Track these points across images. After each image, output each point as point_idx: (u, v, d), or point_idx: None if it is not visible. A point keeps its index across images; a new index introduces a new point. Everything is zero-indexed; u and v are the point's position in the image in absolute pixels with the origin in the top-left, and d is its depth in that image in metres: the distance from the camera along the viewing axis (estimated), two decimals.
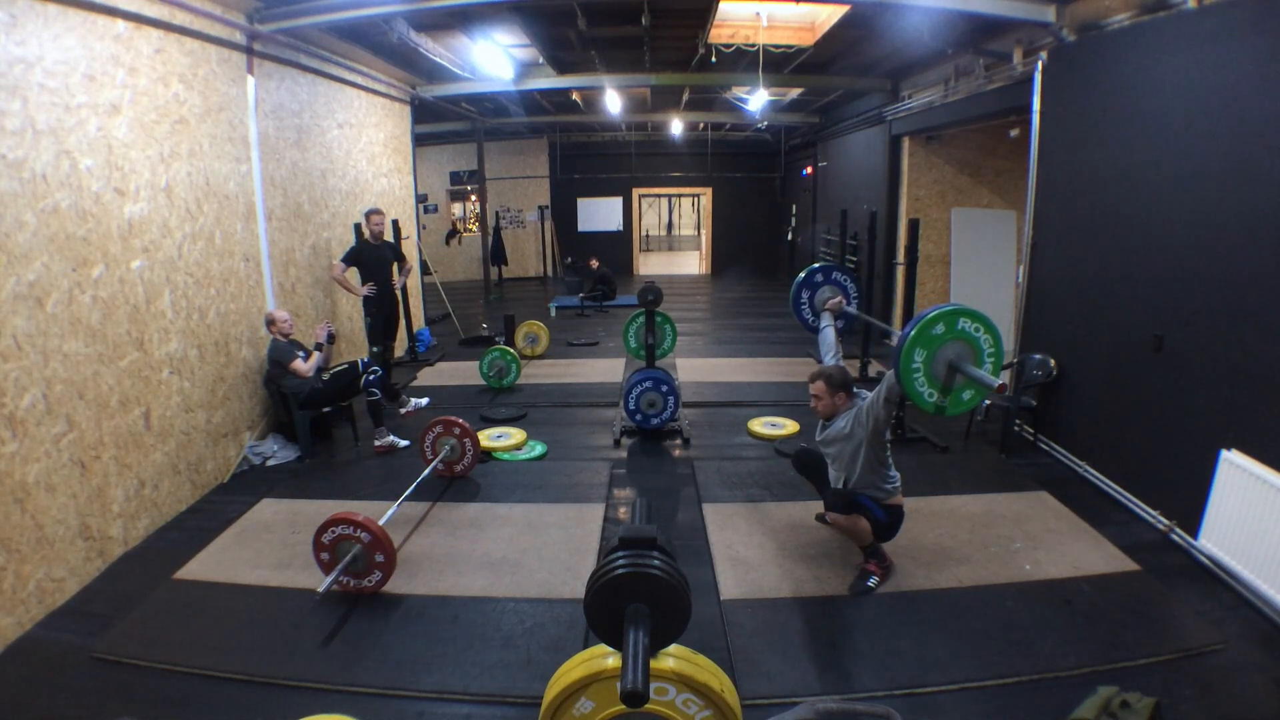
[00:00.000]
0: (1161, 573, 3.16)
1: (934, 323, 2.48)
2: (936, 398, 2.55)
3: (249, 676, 2.58)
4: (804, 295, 4.20)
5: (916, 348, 2.48)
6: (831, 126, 10.29)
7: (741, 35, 6.45)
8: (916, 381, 2.53)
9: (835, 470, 3.22)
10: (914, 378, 2.52)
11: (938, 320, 2.48)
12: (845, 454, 3.11)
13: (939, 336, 2.47)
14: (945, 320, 2.47)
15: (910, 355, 2.50)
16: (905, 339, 2.54)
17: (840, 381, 3.14)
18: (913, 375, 2.52)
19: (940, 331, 2.47)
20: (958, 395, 2.53)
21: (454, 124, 10.86)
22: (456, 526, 3.74)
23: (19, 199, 2.93)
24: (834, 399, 3.14)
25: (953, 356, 2.49)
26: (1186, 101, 3.44)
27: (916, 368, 2.50)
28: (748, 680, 2.50)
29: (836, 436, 3.15)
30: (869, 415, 2.95)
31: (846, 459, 3.11)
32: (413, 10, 4.86)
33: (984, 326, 2.50)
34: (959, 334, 2.49)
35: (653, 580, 1.78)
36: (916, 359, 2.49)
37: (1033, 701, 2.41)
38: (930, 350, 2.48)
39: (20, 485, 2.90)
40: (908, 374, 2.55)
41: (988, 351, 2.51)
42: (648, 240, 21.31)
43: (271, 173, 5.05)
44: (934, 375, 2.52)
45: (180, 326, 3.99)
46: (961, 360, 2.49)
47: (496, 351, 6.31)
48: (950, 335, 2.48)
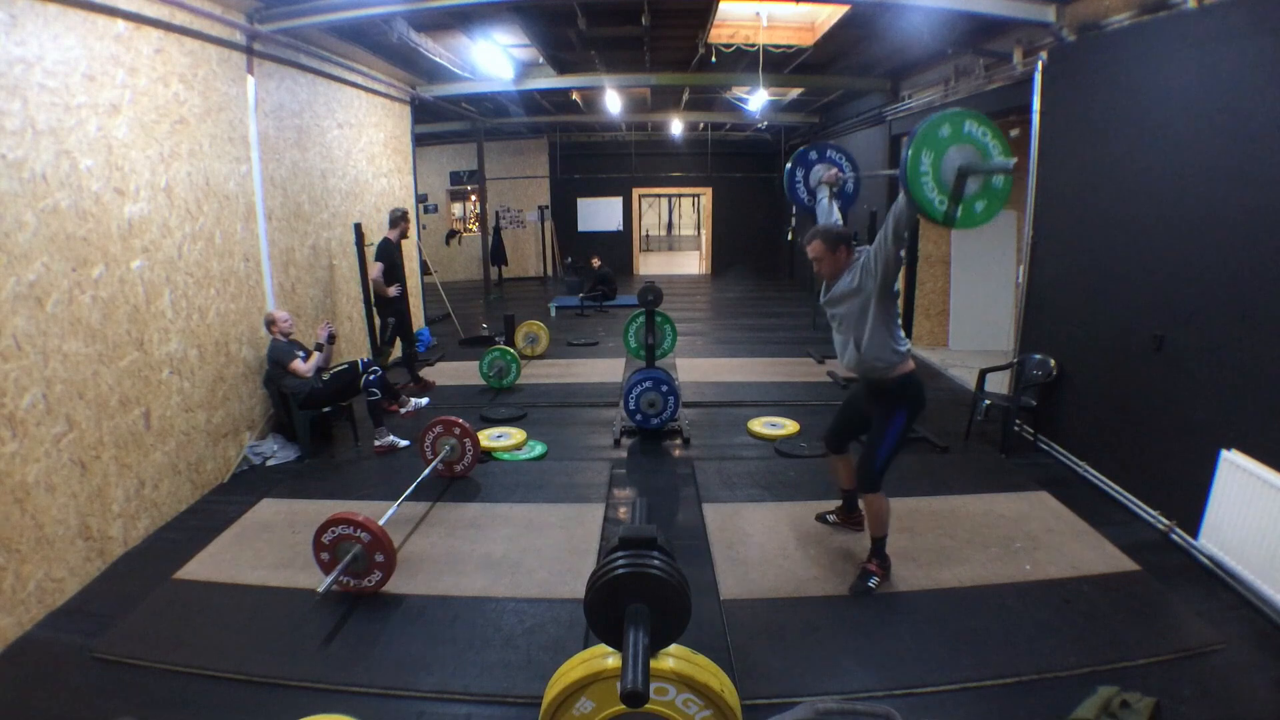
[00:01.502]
0: (1161, 573, 3.16)
1: (940, 124, 2.37)
2: (947, 205, 2.42)
3: (249, 676, 2.58)
4: (798, 174, 3.83)
5: (924, 149, 2.35)
6: (832, 126, 10.30)
7: (741, 35, 6.45)
8: (925, 186, 2.38)
9: (843, 335, 3.04)
10: (922, 182, 2.38)
11: (943, 122, 2.37)
12: (854, 312, 2.94)
13: (946, 139, 2.36)
14: (951, 122, 2.36)
15: (918, 158, 2.35)
16: (912, 139, 2.39)
17: (837, 235, 2.99)
18: (921, 180, 2.38)
19: (946, 134, 2.35)
20: (970, 205, 2.40)
21: (454, 124, 10.86)
22: (456, 526, 3.74)
23: (19, 199, 2.93)
24: (835, 256, 2.97)
25: (961, 161, 2.38)
26: (1186, 101, 3.44)
27: (925, 171, 2.36)
28: (748, 680, 2.50)
29: (844, 293, 2.96)
30: (877, 261, 2.78)
31: (855, 317, 2.93)
32: (413, 10, 4.86)
33: (990, 131, 2.40)
34: (965, 138, 2.39)
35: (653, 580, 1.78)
36: (924, 162, 2.36)
37: (1033, 701, 2.41)
38: (938, 152, 2.36)
39: (20, 485, 2.90)
40: (915, 179, 2.39)
41: (996, 155, 2.42)
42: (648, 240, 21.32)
43: (271, 173, 5.05)
44: (943, 181, 2.41)
45: (180, 326, 3.99)
46: (971, 163, 2.38)
47: (496, 351, 6.31)
48: (956, 139, 2.37)
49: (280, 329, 4.64)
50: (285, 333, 4.67)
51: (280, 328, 4.64)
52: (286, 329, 4.68)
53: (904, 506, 3.84)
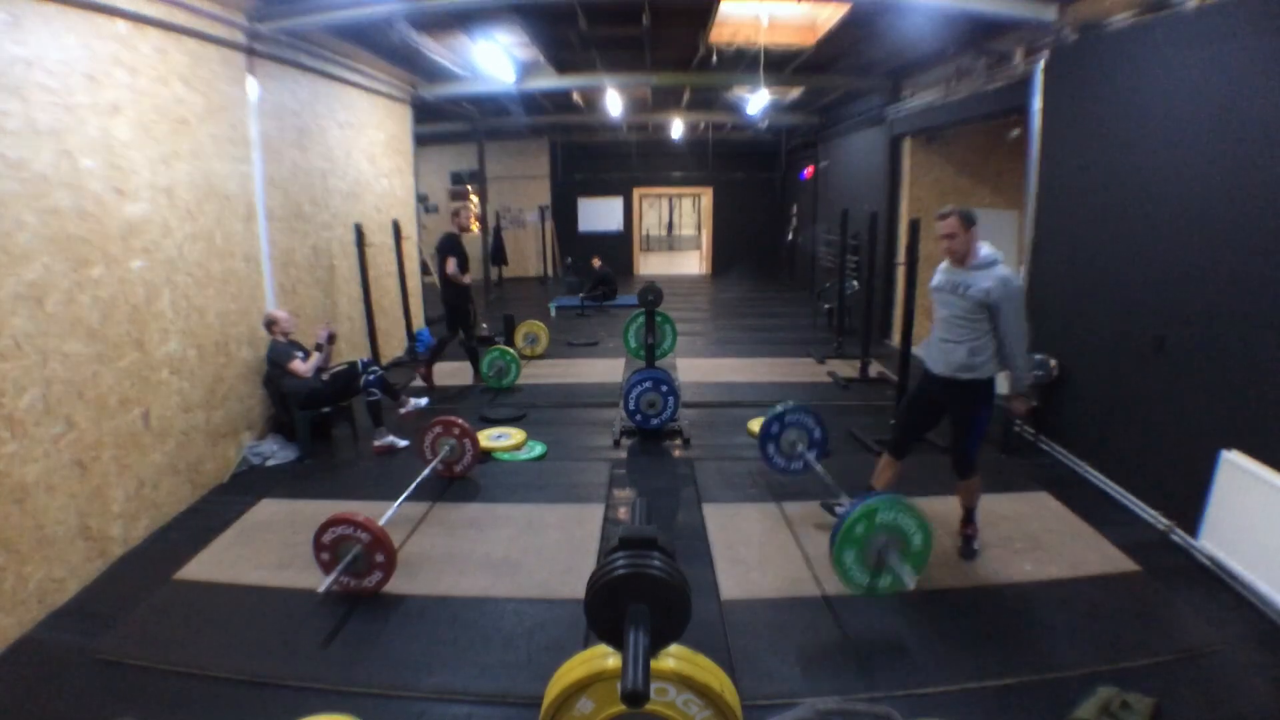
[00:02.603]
0: (1161, 573, 3.16)
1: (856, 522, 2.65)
2: (869, 581, 2.74)
3: (249, 676, 2.58)
4: (770, 449, 4.07)
5: (845, 548, 2.68)
6: (832, 126, 10.29)
7: (742, 36, 6.45)
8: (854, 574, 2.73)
9: (952, 337, 3.09)
10: (851, 575, 2.73)
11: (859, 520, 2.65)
12: (974, 320, 3.02)
13: (861, 534, 2.66)
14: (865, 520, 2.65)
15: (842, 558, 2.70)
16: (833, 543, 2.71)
17: (971, 215, 3.03)
18: (850, 575, 2.73)
19: (861, 531, 2.65)
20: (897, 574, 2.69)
21: (454, 124, 10.85)
22: (456, 527, 3.74)
23: (19, 199, 2.93)
24: (967, 234, 3.02)
25: (882, 545, 2.67)
26: (1187, 101, 3.44)
27: (849, 567, 2.72)
28: (748, 680, 2.50)
29: (974, 300, 3.00)
30: (1015, 318, 2.96)
31: (972, 325, 3.02)
32: (413, 10, 4.85)
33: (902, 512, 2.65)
34: (880, 527, 2.66)
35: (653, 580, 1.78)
36: (848, 559, 2.71)
37: (1033, 701, 2.41)
38: (859, 546, 2.68)
39: (20, 485, 2.90)
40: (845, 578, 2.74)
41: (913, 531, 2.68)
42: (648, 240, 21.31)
43: (272, 173, 5.05)
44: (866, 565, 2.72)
45: (180, 326, 3.99)
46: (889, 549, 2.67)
47: (496, 351, 6.31)
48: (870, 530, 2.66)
49: (281, 329, 4.65)
50: (285, 333, 4.67)
51: (281, 328, 4.64)
52: (287, 329, 4.68)
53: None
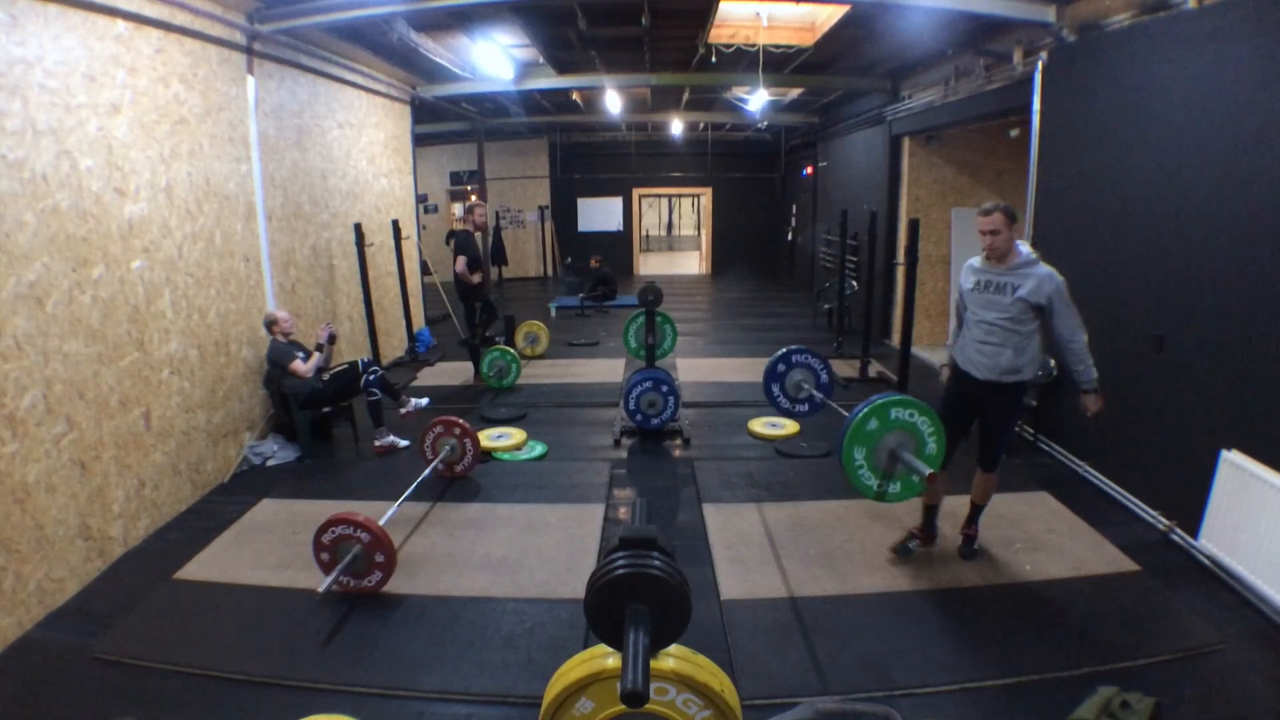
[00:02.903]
0: (1161, 573, 3.16)
1: (868, 418, 2.56)
2: (879, 485, 2.65)
3: (249, 676, 2.58)
4: (774, 389, 4.01)
5: (855, 445, 2.56)
6: (832, 126, 10.29)
7: (741, 35, 6.45)
8: (862, 476, 2.62)
9: (996, 340, 2.97)
10: (860, 474, 2.62)
11: (870, 416, 2.55)
12: (1020, 321, 2.92)
13: (875, 430, 2.56)
14: (878, 415, 2.55)
15: (850, 455, 2.58)
16: (842, 437, 2.61)
17: (1014, 214, 2.93)
18: (858, 473, 2.62)
19: (875, 427, 2.55)
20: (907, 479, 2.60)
21: (454, 124, 10.85)
22: (457, 527, 3.74)
23: (19, 199, 2.93)
24: (1011, 231, 2.92)
25: (893, 445, 2.58)
26: (1186, 101, 3.44)
27: (859, 464, 2.60)
28: (748, 680, 2.50)
29: (1022, 303, 2.90)
30: (1067, 313, 2.88)
31: (1017, 327, 2.93)
32: (413, 10, 4.85)
33: (918, 410, 2.57)
34: (894, 423, 2.57)
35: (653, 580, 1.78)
36: (858, 457, 2.58)
37: (1033, 701, 2.41)
38: (869, 446, 2.58)
39: (20, 485, 2.90)
40: (852, 473, 2.64)
41: (928, 433, 2.59)
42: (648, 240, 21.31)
43: (272, 173, 5.06)
44: (877, 466, 2.63)
45: (180, 326, 3.99)
46: (902, 448, 2.58)
47: (497, 351, 6.31)
48: (885, 428, 2.56)
49: (281, 329, 4.65)
50: (286, 333, 4.67)
51: (281, 328, 4.65)
52: (287, 329, 4.68)
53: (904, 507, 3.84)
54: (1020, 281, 2.92)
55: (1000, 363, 2.99)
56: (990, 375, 3.03)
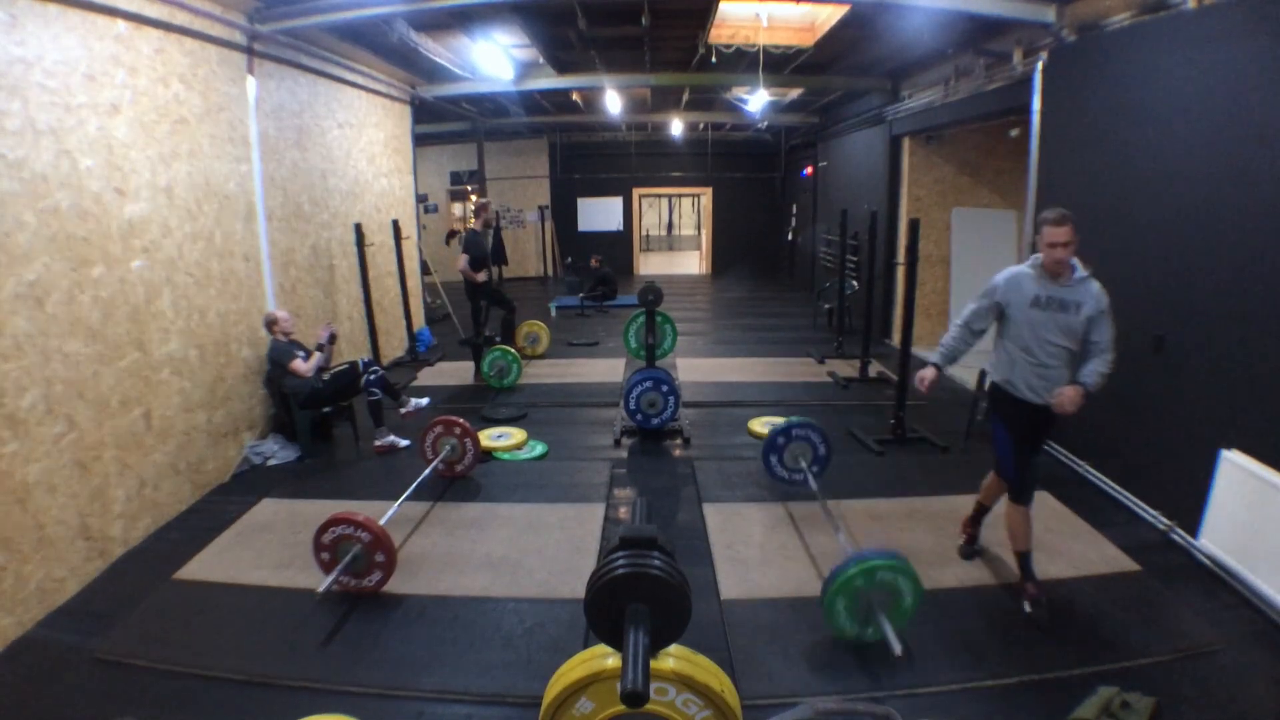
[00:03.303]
0: (1161, 573, 3.16)
1: (855, 577, 2.60)
2: (858, 630, 2.68)
3: (249, 676, 2.58)
4: (773, 459, 4.00)
5: (839, 596, 2.63)
6: (832, 126, 10.29)
7: (741, 36, 6.45)
8: (840, 618, 2.67)
9: (1057, 362, 2.79)
10: (841, 622, 2.67)
11: (858, 575, 2.60)
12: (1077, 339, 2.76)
13: (860, 587, 2.61)
14: (865, 574, 2.60)
15: (834, 606, 2.64)
16: (827, 588, 2.66)
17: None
18: (839, 619, 2.67)
19: (861, 584, 2.61)
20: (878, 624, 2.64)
21: (454, 124, 10.86)
22: (457, 526, 3.74)
23: (19, 199, 2.93)
24: (1075, 243, 2.71)
25: (874, 601, 2.63)
26: (1186, 101, 3.44)
27: (839, 612, 2.66)
28: (748, 680, 2.50)
29: (1085, 321, 2.73)
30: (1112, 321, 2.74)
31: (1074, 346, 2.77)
32: (413, 10, 4.86)
33: (903, 575, 2.61)
34: (878, 585, 2.61)
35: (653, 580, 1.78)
36: (839, 605, 2.65)
37: (1033, 701, 2.41)
38: (850, 597, 2.63)
39: (21, 485, 2.90)
40: (832, 616, 2.67)
41: (906, 593, 2.63)
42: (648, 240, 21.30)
43: (272, 173, 5.05)
44: (857, 614, 2.66)
45: (180, 326, 3.99)
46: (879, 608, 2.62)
47: (498, 351, 6.31)
48: (869, 585, 2.61)
49: (281, 329, 4.65)
50: (286, 333, 4.67)
51: (281, 328, 4.65)
52: (287, 329, 4.69)
53: (904, 506, 3.85)
54: (1083, 299, 2.75)
55: (1062, 383, 2.79)
56: (1049, 399, 2.82)
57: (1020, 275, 2.86)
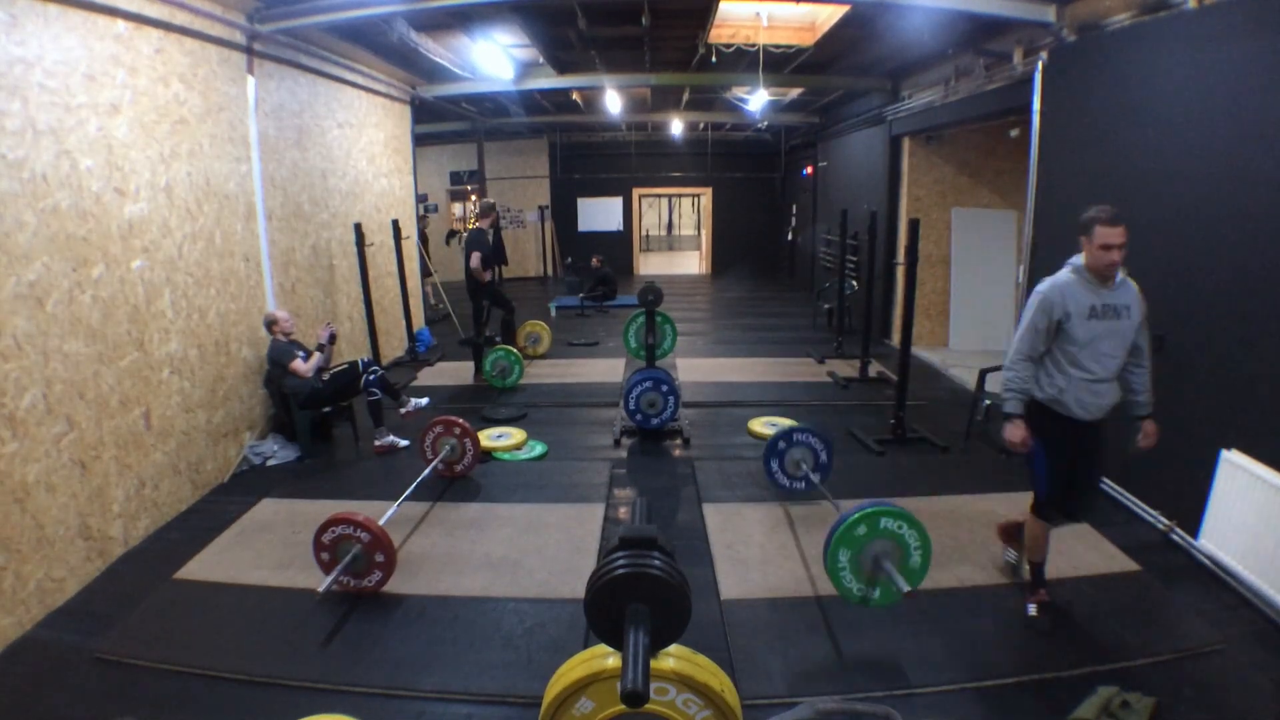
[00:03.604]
0: (1161, 573, 3.16)
1: (857, 524, 2.58)
2: (863, 591, 2.66)
3: (249, 676, 2.58)
4: (773, 464, 3.97)
5: (841, 548, 2.60)
6: (832, 126, 10.29)
7: (741, 35, 6.46)
8: (844, 578, 2.64)
9: (1106, 373, 2.60)
10: (841, 575, 2.64)
11: (860, 522, 2.58)
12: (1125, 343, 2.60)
13: (862, 536, 2.58)
14: (867, 521, 2.57)
15: (835, 557, 2.61)
16: (830, 538, 2.62)
17: None
18: (839, 573, 2.64)
19: (863, 532, 2.57)
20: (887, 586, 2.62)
21: (454, 124, 10.87)
22: (457, 526, 3.74)
23: (19, 199, 2.93)
24: None
25: (878, 552, 2.59)
26: (1186, 101, 3.44)
27: (843, 566, 2.62)
28: (748, 680, 2.50)
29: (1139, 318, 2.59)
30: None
31: (1122, 351, 2.60)
32: (413, 10, 4.86)
33: (907, 523, 2.58)
34: (882, 532, 2.58)
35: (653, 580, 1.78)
36: (842, 559, 2.61)
37: (1033, 701, 2.41)
38: (855, 550, 2.59)
39: (20, 485, 2.90)
40: (834, 572, 2.64)
41: (914, 546, 2.60)
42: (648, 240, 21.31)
43: (271, 173, 5.05)
44: (860, 570, 2.63)
45: (180, 326, 3.99)
46: (885, 558, 2.59)
47: (501, 351, 6.31)
48: (873, 535, 2.58)
49: (281, 329, 4.65)
50: (286, 333, 4.67)
51: (281, 328, 4.65)
52: (287, 329, 4.69)
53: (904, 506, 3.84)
54: (1130, 301, 2.60)
55: (1115, 396, 2.65)
56: (1102, 414, 2.65)
57: (1068, 284, 2.61)
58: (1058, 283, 2.64)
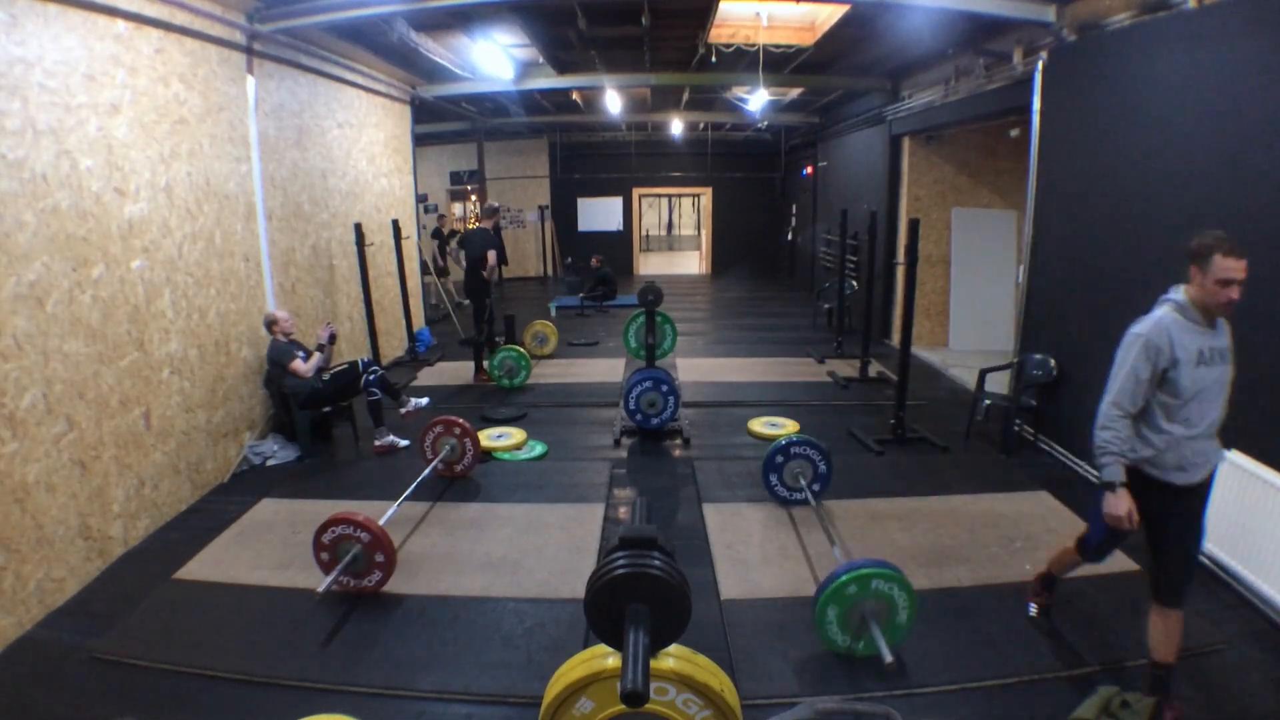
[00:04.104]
0: None
1: (848, 584, 2.58)
2: (848, 643, 2.65)
3: (249, 676, 2.58)
4: (772, 478, 3.90)
5: (829, 604, 2.61)
6: (832, 126, 10.29)
7: (741, 35, 6.45)
8: (830, 630, 2.64)
9: (1205, 427, 2.21)
10: (827, 628, 2.64)
11: (851, 582, 2.58)
12: (1223, 386, 2.26)
13: (853, 595, 2.58)
14: (859, 582, 2.58)
15: (824, 612, 2.62)
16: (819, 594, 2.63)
17: None
18: (826, 626, 2.64)
19: (854, 591, 2.58)
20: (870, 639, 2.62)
21: (454, 124, 10.87)
22: (456, 526, 3.74)
23: (19, 199, 2.93)
24: None
25: (866, 611, 2.59)
26: (1186, 101, 3.44)
27: (830, 621, 2.62)
28: (748, 680, 2.50)
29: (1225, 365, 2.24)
30: None
31: (1218, 397, 2.25)
32: (413, 10, 4.86)
33: (898, 585, 2.58)
34: (873, 593, 2.58)
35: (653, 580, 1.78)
36: (830, 615, 2.62)
37: (1033, 701, 2.41)
38: (843, 607, 2.60)
39: (20, 485, 2.90)
40: (822, 626, 2.63)
41: (902, 606, 2.59)
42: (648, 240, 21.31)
43: (271, 173, 5.05)
44: (847, 625, 2.62)
45: (180, 326, 3.99)
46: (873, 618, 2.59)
47: (507, 351, 6.31)
48: (863, 594, 2.58)
49: (281, 329, 4.65)
50: (286, 333, 4.67)
51: (281, 328, 4.65)
52: (287, 329, 4.69)
53: (904, 506, 3.85)
54: (1227, 341, 2.30)
55: (1218, 458, 2.30)
56: (1206, 474, 2.27)
57: (1172, 325, 2.20)
58: (1159, 324, 2.21)
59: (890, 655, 2.43)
